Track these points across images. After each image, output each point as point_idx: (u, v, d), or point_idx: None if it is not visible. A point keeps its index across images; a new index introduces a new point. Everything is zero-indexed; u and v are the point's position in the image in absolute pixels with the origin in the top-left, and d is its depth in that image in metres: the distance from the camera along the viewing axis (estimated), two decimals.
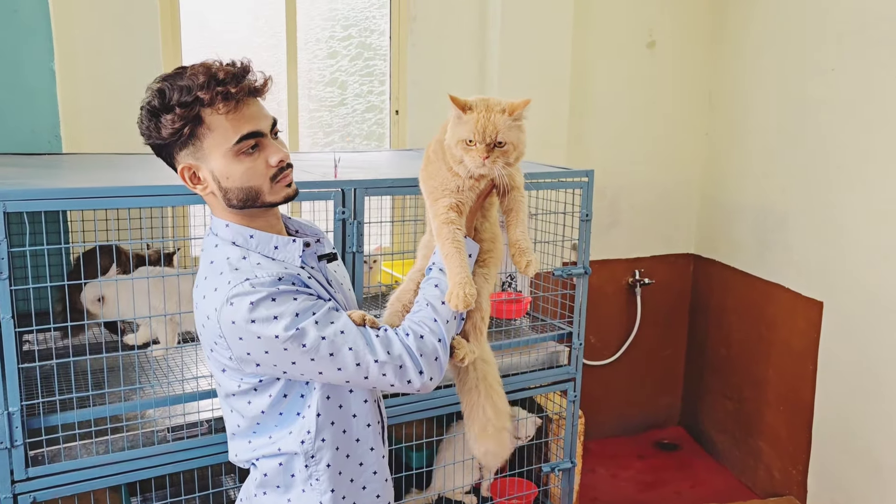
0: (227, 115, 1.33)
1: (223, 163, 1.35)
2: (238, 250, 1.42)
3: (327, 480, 1.51)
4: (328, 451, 1.50)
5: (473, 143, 1.40)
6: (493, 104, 1.43)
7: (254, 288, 1.32)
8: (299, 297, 1.35)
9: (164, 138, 1.35)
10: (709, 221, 4.13)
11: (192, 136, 1.34)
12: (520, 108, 1.43)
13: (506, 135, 1.41)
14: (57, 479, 1.87)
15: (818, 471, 3.38)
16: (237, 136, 1.34)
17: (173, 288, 2.17)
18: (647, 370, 4.30)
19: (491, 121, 1.40)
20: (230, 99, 1.32)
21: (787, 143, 3.51)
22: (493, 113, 1.41)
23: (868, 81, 3.05)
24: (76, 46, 2.81)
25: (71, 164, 2.46)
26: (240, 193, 1.38)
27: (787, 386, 3.56)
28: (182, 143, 1.35)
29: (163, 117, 1.32)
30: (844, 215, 3.19)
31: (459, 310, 1.44)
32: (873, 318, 3.06)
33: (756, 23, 3.71)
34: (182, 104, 1.30)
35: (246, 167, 1.36)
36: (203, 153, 1.36)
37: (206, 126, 1.33)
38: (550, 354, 2.66)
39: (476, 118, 1.40)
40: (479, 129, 1.40)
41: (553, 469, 2.71)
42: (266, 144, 1.39)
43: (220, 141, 1.34)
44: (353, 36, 3.45)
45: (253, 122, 1.36)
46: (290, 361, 1.35)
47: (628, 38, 3.87)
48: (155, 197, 1.91)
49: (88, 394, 1.93)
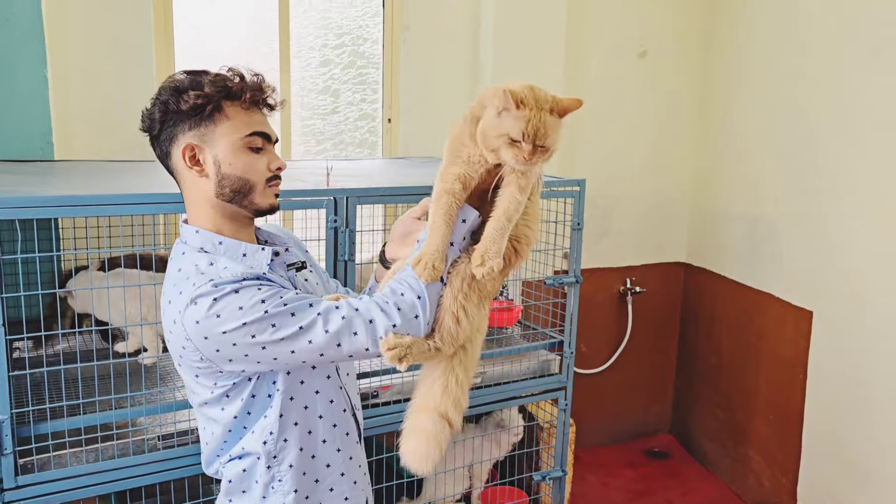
0: (246, 112, 1.43)
1: (230, 150, 1.41)
2: (206, 256, 1.44)
3: (290, 481, 1.52)
4: (292, 452, 1.51)
5: (519, 142, 1.32)
6: (543, 101, 1.33)
7: (217, 287, 1.34)
8: (263, 287, 1.37)
9: (180, 111, 1.40)
10: (700, 230, 4.15)
11: (209, 118, 1.40)
12: (571, 109, 1.35)
13: (553, 135, 1.33)
14: (47, 487, 1.87)
15: (808, 480, 3.40)
16: (251, 130, 1.43)
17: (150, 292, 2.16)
18: (637, 378, 4.31)
19: (542, 122, 1.31)
20: (255, 101, 1.44)
21: (777, 152, 3.54)
22: (543, 112, 1.32)
23: (857, 92, 3.07)
24: (69, 54, 2.81)
25: (63, 171, 2.46)
26: (235, 183, 1.43)
27: (777, 394, 3.57)
28: (195, 122, 1.41)
29: (189, 92, 1.39)
30: (834, 225, 3.21)
31: (422, 280, 1.38)
32: (863, 328, 3.08)
33: (746, 33, 3.74)
34: (212, 84, 1.39)
35: (250, 160, 1.43)
36: (212, 137, 1.41)
37: (224, 114, 1.41)
38: (541, 363, 2.67)
39: (528, 117, 1.31)
40: (530, 130, 1.30)
41: (544, 478, 2.71)
42: (269, 150, 1.47)
43: (232, 130, 1.41)
44: (346, 44, 3.46)
45: (265, 126, 1.47)
46: (260, 347, 1.35)
47: (620, 48, 3.90)
48: (147, 205, 1.91)
49: (79, 402, 1.92)
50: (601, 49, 3.84)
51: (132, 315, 2.21)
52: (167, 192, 1.98)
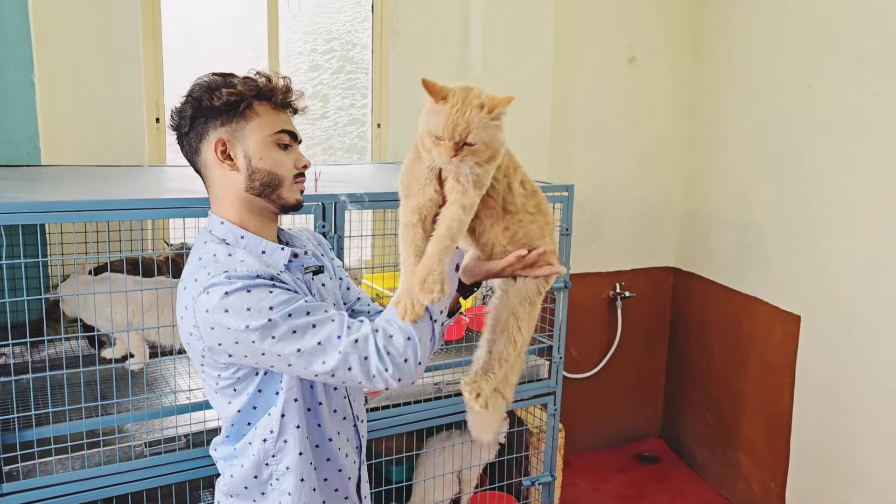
0: (274, 111, 1.49)
1: (261, 145, 1.46)
2: (226, 248, 1.46)
3: (287, 482, 1.51)
4: (290, 454, 1.50)
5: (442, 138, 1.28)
6: (473, 97, 1.29)
7: (230, 280, 1.35)
8: (275, 290, 1.37)
9: (213, 108, 1.44)
10: (689, 235, 4.17)
11: (240, 115, 1.45)
12: (501, 105, 1.30)
13: (478, 134, 1.28)
14: (32, 494, 1.86)
15: (796, 483, 3.41)
16: (280, 127, 1.48)
17: (136, 298, 2.15)
18: (627, 383, 4.31)
19: (464, 117, 1.26)
20: (284, 103, 1.51)
21: (765, 158, 3.56)
22: (469, 107, 1.28)
23: (844, 99, 3.09)
24: (56, 58, 2.80)
25: (50, 176, 2.45)
26: (265, 177, 1.47)
27: (765, 399, 3.59)
28: (227, 118, 1.45)
29: (222, 90, 1.43)
30: (822, 230, 3.23)
31: (404, 320, 1.37)
32: (850, 332, 3.09)
33: (735, 40, 3.76)
34: (244, 83, 1.45)
35: (279, 156, 1.48)
36: (242, 133, 1.46)
37: (254, 111, 1.46)
38: (531, 368, 2.67)
39: (448, 112, 1.27)
40: (449, 125, 1.26)
41: (533, 483, 2.71)
42: (296, 149, 1.53)
43: (263, 126, 1.46)
44: (335, 49, 3.46)
45: (292, 126, 1.53)
46: (259, 353, 1.36)
47: (609, 54, 3.91)
48: (135, 210, 1.90)
49: (65, 408, 1.91)
50: (590, 54, 3.85)
51: (118, 320, 2.20)
52: (154, 197, 1.98)
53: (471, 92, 1.30)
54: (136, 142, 2.97)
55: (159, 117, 3.08)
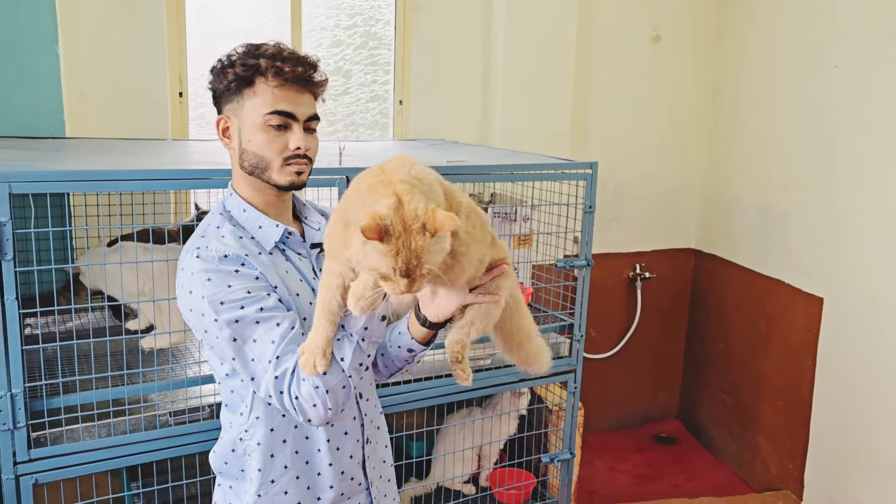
0: (274, 89, 1.45)
1: (251, 127, 1.46)
2: (219, 219, 1.50)
3: (257, 459, 1.50)
4: (261, 430, 1.49)
5: (392, 276, 1.15)
6: (410, 220, 1.12)
7: (199, 258, 1.41)
8: (236, 282, 1.39)
9: (219, 87, 1.49)
10: (710, 217, 4.13)
11: (239, 94, 1.46)
12: (445, 229, 1.13)
13: (430, 260, 1.14)
14: (59, 461, 1.88)
15: (815, 465, 3.39)
16: (271, 109, 1.45)
17: (158, 268, 2.15)
18: (646, 364, 4.30)
19: (413, 251, 1.12)
20: (280, 75, 1.44)
21: (789, 139, 3.51)
22: (412, 237, 1.12)
23: (871, 79, 3.04)
24: (80, 30, 2.80)
25: (74, 148, 2.46)
26: (252, 159, 1.47)
27: (785, 381, 3.56)
28: (229, 96, 1.48)
29: (227, 70, 1.47)
30: (846, 212, 3.19)
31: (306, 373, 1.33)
32: (873, 315, 3.06)
33: (761, 19, 3.70)
34: (243, 64, 1.45)
35: (267, 138, 1.46)
36: (241, 112, 1.47)
37: (253, 90, 1.46)
38: (551, 346, 2.66)
39: (396, 250, 1.12)
40: (400, 265, 1.13)
41: (552, 460, 2.72)
42: (293, 129, 1.47)
43: (257, 106, 1.45)
44: (358, 25, 3.44)
45: (291, 105, 1.46)
46: (213, 337, 1.41)
47: (633, 32, 3.87)
48: (158, 181, 1.91)
49: (91, 377, 1.93)
50: (614, 32, 3.81)
51: (133, 290, 2.20)
52: (177, 168, 1.99)
53: (405, 212, 1.13)
54: (159, 115, 2.99)
55: (182, 91, 3.08)
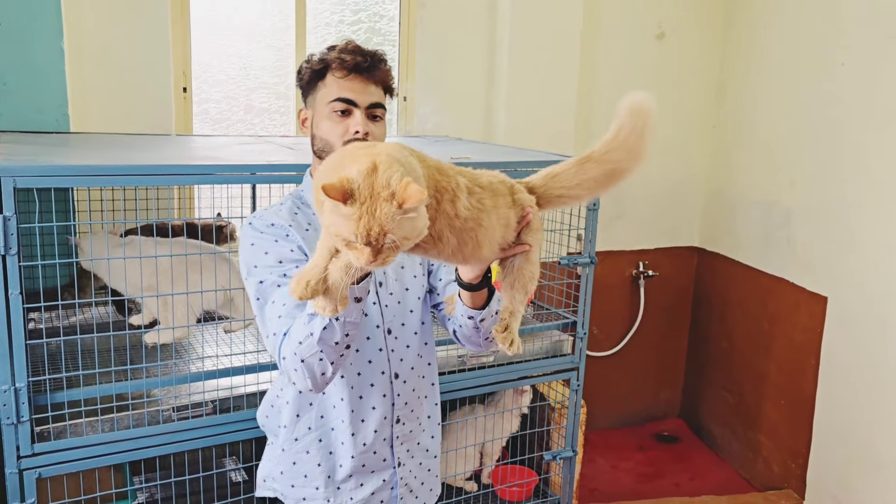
0: (339, 80, 1.60)
1: (319, 114, 1.63)
2: (290, 196, 1.71)
3: (285, 416, 1.68)
4: (292, 390, 1.67)
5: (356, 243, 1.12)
6: (380, 187, 1.09)
7: (250, 225, 1.61)
8: (273, 248, 1.56)
9: (300, 82, 1.68)
10: (714, 215, 4.13)
11: (313, 87, 1.63)
12: (412, 201, 1.08)
13: (396, 232, 1.10)
14: (62, 455, 1.88)
15: (818, 465, 3.39)
16: (335, 97, 1.59)
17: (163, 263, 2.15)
18: (648, 362, 4.30)
19: (377, 218, 1.08)
20: (343, 67, 1.59)
21: (794, 137, 3.51)
22: (378, 204, 1.08)
23: (878, 77, 3.04)
24: (85, 25, 2.80)
25: (78, 143, 2.46)
26: (319, 143, 1.63)
27: (788, 380, 3.56)
28: (307, 90, 1.66)
29: (305, 67, 1.65)
30: (851, 211, 3.18)
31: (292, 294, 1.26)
32: (877, 314, 3.06)
33: (766, 16, 3.69)
34: (319, 60, 1.62)
35: (332, 124, 1.60)
36: (315, 102, 1.64)
37: (324, 82, 1.62)
38: (554, 343, 2.67)
39: (359, 215, 1.08)
40: (362, 231, 1.08)
41: (554, 457, 2.72)
42: (355, 116, 1.60)
43: (325, 96, 1.61)
44: (362, 21, 3.43)
45: (353, 93, 1.59)
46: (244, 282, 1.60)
47: (638, 29, 3.86)
48: (163, 176, 1.90)
49: (95, 371, 1.93)
50: (619, 30, 3.81)
51: (144, 285, 2.20)
52: (182, 163, 1.99)
53: (376, 180, 1.09)
54: (163, 111, 2.99)
55: (186, 86, 3.08)
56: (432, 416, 1.79)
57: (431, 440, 1.79)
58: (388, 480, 1.71)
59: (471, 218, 1.25)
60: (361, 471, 1.68)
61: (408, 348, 1.70)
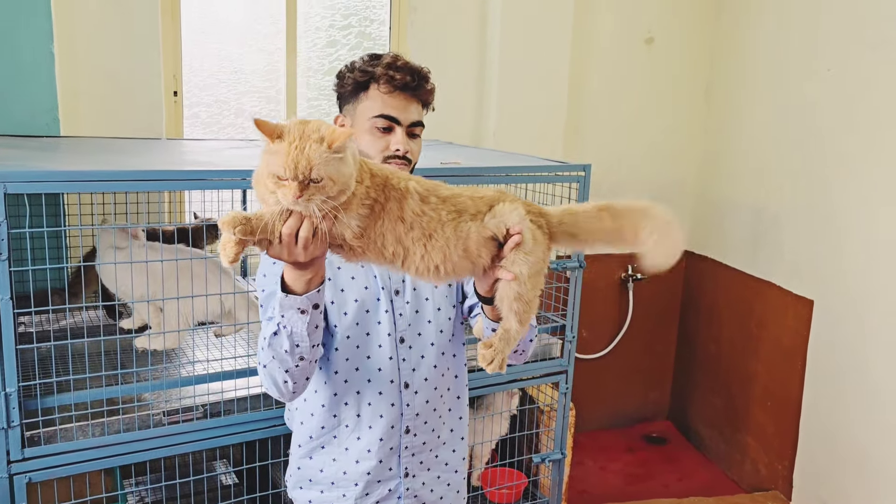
0: (384, 95, 1.60)
1: (360, 128, 1.61)
2: None
3: (302, 413, 1.70)
4: (308, 390, 1.67)
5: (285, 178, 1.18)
6: (310, 131, 1.20)
7: None
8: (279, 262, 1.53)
9: (341, 90, 1.67)
10: (702, 218, 4.16)
11: (355, 96, 1.62)
12: (340, 140, 1.19)
13: (322, 169, 1.18)
14: (53, 459, 1.88)
15: (804, 466, 3.42)
16: (378, 112, 1.59)
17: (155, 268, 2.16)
18: (637, 365, 4.33)
19: (304, 153, 1.17)
20: (391, 83, 1.59)
21: (782, 142, 3.54)
22: (307, 143, 1.18)
23: (864, 83, 3.07)
24: (76, 29, 2.80)
25: (68, 147, 2.46)
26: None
27: (775, 382, 3.59)
28: (347, 98, 1.65)
29: (348, 75, 1.64)
30: (837, 215, 3.22)
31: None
32: (863, 317, 3.09)
33: (754, 22, 3.73)
34: (362, 70, 1.62)
35: (372, 138, 1.60)
36: (356, 113, 1.62)
37: (367, 94, 1.61)
38: (543, 347, 2.68)
39: (287, 150, 1.17)
40: (289, 163, 1.17)
41: (543, 460, 2.74)
42: (396, 132, 1.61)
43: (367, 109, 1.60)
44: (352, 25, 3.45)
45: (396, 110, 1.60)
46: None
47: (627, 34, 3.89)
48: (153, 182, 1.91)
49: (85, 376, 1.93)
50: (608, 34, 3.83)
51: (137, 290, 2.20)
52: (172, 168, 1.99)
53: (307, 126, 1.21)
54: (153, 115, 2.98)
55: (177, 90, 3.08)
56: (455, 430, 1.75)
57: (453, 454, 1.76)
58: (393, 490, 1.68)
59: (418, 224, 1.29)
60: (368, 477, 1.66)
61: (422, 359, 1.67)
